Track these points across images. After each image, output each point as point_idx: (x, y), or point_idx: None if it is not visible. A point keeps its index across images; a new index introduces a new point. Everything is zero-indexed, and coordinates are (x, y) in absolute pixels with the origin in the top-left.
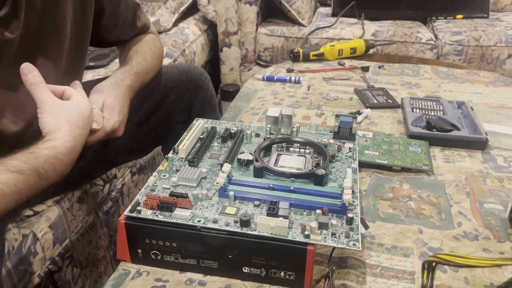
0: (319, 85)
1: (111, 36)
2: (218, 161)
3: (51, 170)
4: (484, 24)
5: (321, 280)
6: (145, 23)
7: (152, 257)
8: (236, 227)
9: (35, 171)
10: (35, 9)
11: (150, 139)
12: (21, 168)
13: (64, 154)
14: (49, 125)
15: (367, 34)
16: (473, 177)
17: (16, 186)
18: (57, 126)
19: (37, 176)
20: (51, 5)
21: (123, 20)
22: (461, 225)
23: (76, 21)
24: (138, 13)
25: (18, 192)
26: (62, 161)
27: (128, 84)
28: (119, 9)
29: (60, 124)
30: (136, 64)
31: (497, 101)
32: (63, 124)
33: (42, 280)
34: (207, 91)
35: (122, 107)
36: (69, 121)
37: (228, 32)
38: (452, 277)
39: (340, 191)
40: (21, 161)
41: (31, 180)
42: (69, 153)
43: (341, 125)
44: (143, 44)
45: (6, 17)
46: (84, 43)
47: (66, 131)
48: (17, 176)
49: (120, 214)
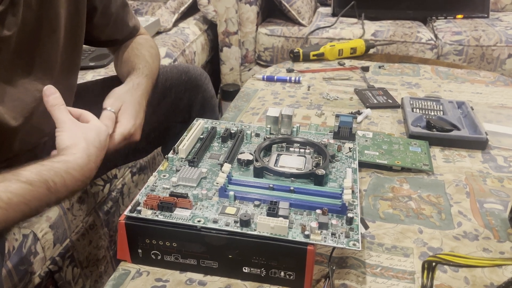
0: (319, 85)
1: (104, 35)
2: (218, 161)
3: (61, 184)
4: (484, 24)
5: (321, 280)
6: (135, 23)
7: (152, 257)
8: (236, 227)
9: (44, 183)
10: (31, 7)
11: (150, 139)
12: (31, 179)
13: (75, 170)
14: (66, 141)
15: (367, 34)
16: (473, 177)
17: (24, 197)
18: (73, 142)
19: (46, 189)
20: (46, 4)
21: (114, 18)
22: (461, 225)
23: (70, 20)
24: (128, 12)
25: (26, 203)
26: (73, 177)
27: (144, 88)
28: (110, 8)
29: (76, 141)
30: (143, 67)
31: (497, 101)
32: (80, 142)
33: (43, 280)
34: (206, 91)
35: (138, 111)
36: (86, 140)
37: (228, 32)
38: (452, 277)
39: (340, 191)
40: (32, 172)
41: (40, 192)
42: (81, 169)
43: (341, 125)
44: (140, 47)
45: (3, 14)
46: (78, 41)
47: (81, 148)
48: (26, 187)
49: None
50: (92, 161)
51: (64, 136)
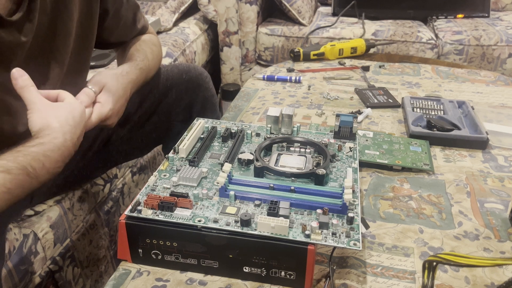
0: (320, 84)
1: (113, 37)
2: (219, 160)
3: (40, 168)
4: (485, 24)
5: (322, 279)
6: (144, 24)
7: (153, 257)
8: (237, 227)
9: (23, 170)
10: (46, 11)
11: (151, 138)
12: (9, 167)
13: (52, 150)
14: (38, 123)
15: (367, 33)
16: (474, 177)
17: (5, 186)
18: (45, 123)
19: (26, 175)
20: (61, 8)
21: (124, 21)
22: (461, 224)
23: (81, 23)
24: (138, 14)
25: (8, 192)
26: (51, 158)
27: (133, 78)
28: (121, 11)
29: (48, 122)
30: (140, 60)
31: (498, 100)
32: (52, 122)
33: (43, 279)
34: (207, 90)
35: (119, 97)
36: (58, 119)
37: (229, 31)
38: (452, 277)
39: (340, 190)
40: (9, 160)
41: (20, 179)
42: (59, 149)
43: (341, 124)
44: (142, 43)
45: (20, 21)
46: (89, 44)
47: (54, 128)
48: (5, 176)
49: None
50: (69, 140)
51: (35, 117)
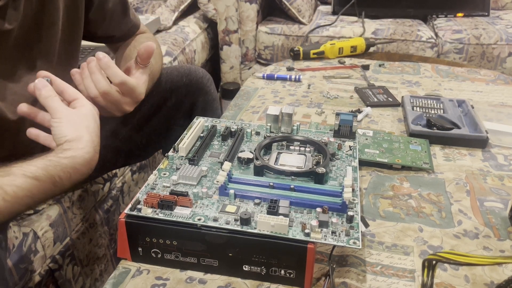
0: (320, 83)
1: (100, 31)
2: (218, 159)
3: (66, 179)
4: (485, 22)
5: (322, 278)
6: (135, 21)
7: (153, 256)
8: (237, 226)
9: (50, 179)
10: (31, 1)
11: (150, 142)
12: (38, 175)
13: (82, 164)
14: (68, 133)
15: (367, 32)
16: (474, 176)
17: (30, 191)
18: (77, 135)
19: (51, 184)
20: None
21: (111, 14)
22: (461, 223)
23: (67, 13)
24: (127, 9)
25: (31, 197)
26: (78, 171)
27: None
28: (107, 3)
29: (80, 133)
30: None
31: (498, 99)
32: (84, 134)
33: (43, 278)
34: (208, 93)
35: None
36: (89, 130)
37: (229, 30)
38: (452, 275)
39: (340, 189)
40: (39, 168)
41: (46, 187)
42: (88, 163)
43: (341, 123)
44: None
45: (4, 8)
46: (76, 35)
47: (87, 142)
48: (32, 182)
49: (121, 212)
50: (97, 152)
51: (63, 127)
